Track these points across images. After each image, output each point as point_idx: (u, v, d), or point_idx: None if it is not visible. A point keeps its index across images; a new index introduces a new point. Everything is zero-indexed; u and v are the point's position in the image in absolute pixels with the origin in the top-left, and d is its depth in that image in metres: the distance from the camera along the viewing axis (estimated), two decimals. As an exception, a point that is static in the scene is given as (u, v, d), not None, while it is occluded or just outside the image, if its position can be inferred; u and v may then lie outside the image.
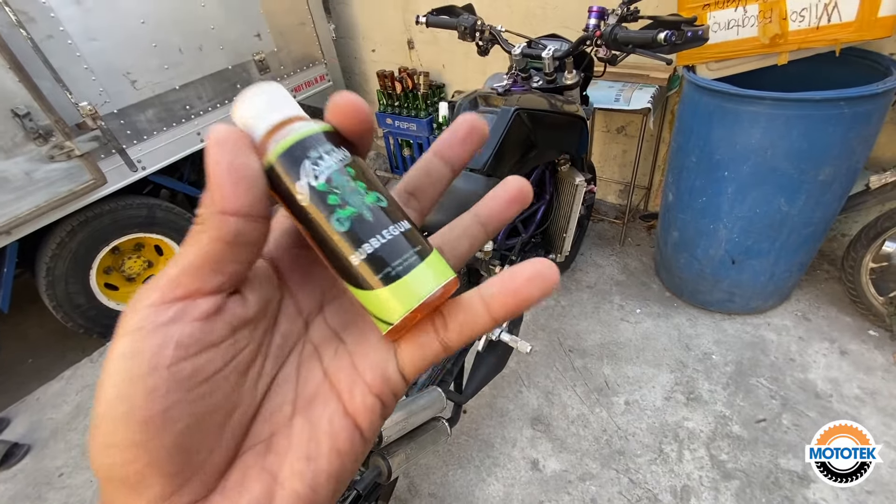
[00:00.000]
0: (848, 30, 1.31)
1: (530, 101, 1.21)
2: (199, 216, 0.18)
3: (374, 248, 0.20)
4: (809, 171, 1.36)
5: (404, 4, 2.64)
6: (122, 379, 0.16)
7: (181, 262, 0.18)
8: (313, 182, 0.20)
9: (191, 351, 0.17)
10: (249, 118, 0.21)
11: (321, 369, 0.22)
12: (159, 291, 0.17)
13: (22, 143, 1.67)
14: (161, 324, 0.17)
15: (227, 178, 0.17)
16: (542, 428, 1.53)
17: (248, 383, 0.20)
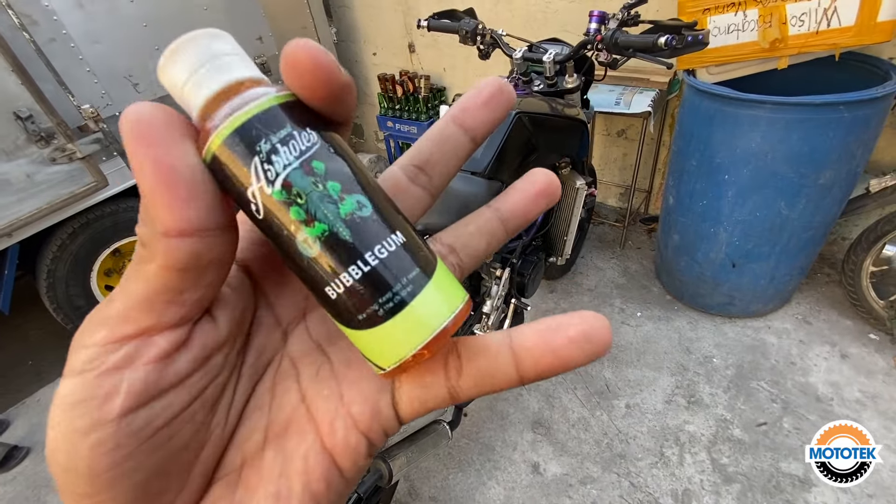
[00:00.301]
0: (847, 34, 1.32)
1: (531, 104, 1.22)
2: (140, 238, 0.14)
3: (355, 279, 0.15)
4: (809, 175, 1.37)
5: (405, 8, 2.65)
6: (64, 430, 0.14)
7: (129, 294, 0.15)
8: (267, 189, 0.14)
9: (143, 399, 0.15)
10: (182, 83, 0.15)
11: (298, 391, 0.19)
12: (107, 328, 0.15)
13: (24, 145, 1.67)
14: (109, 368, 0.14)
15: (158, 186, 0.13)
16: (543, 431, 1.53)
17: (218, 414, 0.17)
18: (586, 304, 1.98)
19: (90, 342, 0.15)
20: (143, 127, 0.14)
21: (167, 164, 0.14)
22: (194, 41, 0.15)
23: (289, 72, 0.15)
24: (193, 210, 0.14)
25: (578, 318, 0.17)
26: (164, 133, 0.14)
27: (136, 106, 0.14)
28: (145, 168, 0.13)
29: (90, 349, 0.14)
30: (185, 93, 0.16)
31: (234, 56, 0.16)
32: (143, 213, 0.14)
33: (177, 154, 0.14)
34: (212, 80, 0.15)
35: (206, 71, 0.15)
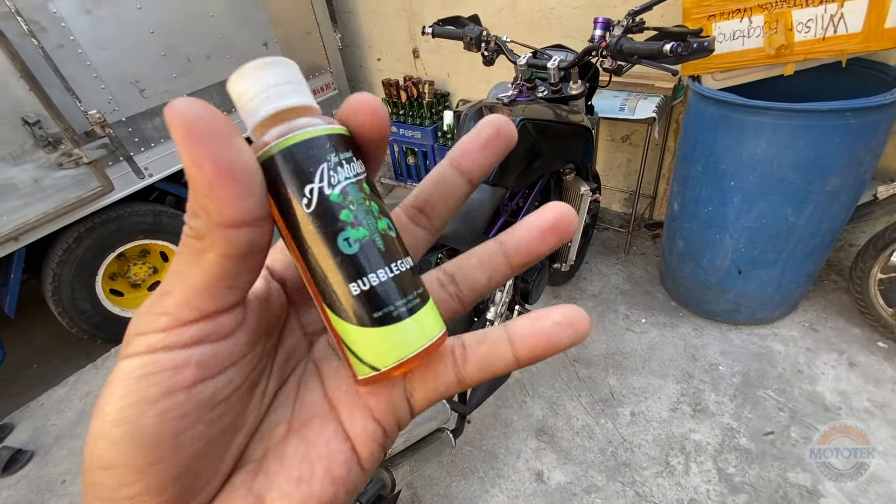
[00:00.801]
0: (854, 41, 1.31)
1: (535, 111, 1.22)
2: (194, 229, 0.15)
3: (381, 282, 0.17)
4: (816, 182, 1.35)
5: (410, 14, 2.66)
6: (130, 402, 0.15)
7: (188, 284, 0.16)
8: (327, 190, 0.17)
9: (211, 371, 0.16)
10: (252, 95, 0.18)
11: (321, 388, 0.20)
12: (169, 316, 0.16)
13: (31, 150, 1.69)
14: (180, 344, 0.15)
15: (219, 181, 0.14)
16: (547, 439, 1.52)
17: (254, 401, 0.19)
18: (590, 309, 1.97)
19: (152, 329, 0.16)
20: (200, 123, 0.14)
21: (228, 159, 0.14)
22: (276, 63, 0.18)
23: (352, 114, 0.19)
24: (249, 202, 0.15)
25: (560, 308, 0.19)
26: (221, 130, 0.14)
27: (186, 102, 0.14)
28: (205, 163, 0.14)
29: (155, 335, 0.15)
30: (259, 99, 0.18)
31: (303, 85, 0.19)
32: (198, 206, 0.15)
33: (235, 150, 0.15)
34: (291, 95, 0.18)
35: (287, 89, 0.18)
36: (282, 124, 0.17)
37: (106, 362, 2.09)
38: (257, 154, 0.17)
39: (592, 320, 0.17)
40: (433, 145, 2.70)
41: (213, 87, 2.22)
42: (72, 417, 1.84)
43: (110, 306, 2.14)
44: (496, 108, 1.22)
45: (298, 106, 0.18)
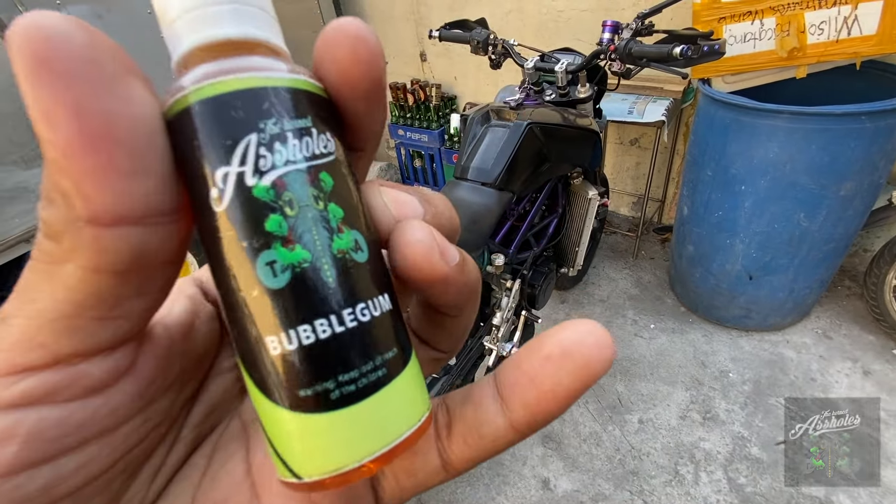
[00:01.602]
0: (869, 43, 1.29)
1: (543, 115, 1.21)
2: (48, 226, 0.10)
3: (321, 337, 0.11)
4: (830, 187, 1.33)
5: (417, 18, 2.66)
6: None
7: (35, 308, 0.10)
8: (251, 178, 0.11)
9: (52, 450, 0.10)
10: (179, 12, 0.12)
11: (244, 461, 0.14)
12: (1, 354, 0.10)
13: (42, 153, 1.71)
14: (4, 405, 0.10)
15: (86, 146, 0.09)
16: (554, 446, 1.50)
17: (137, 484, 0.13)
18: (598, 315, 1.95)
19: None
20: (62, 50, 0.09)
21: (103, 109, 0.09)
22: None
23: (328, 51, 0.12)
24: (141, 184, 0.09)
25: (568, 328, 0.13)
26: (98, 65, 0.09)
27: (38, 15, 0.09)
28: (61, 114, 0.09)
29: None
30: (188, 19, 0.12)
31: (264, 12, 0.13)
32: (52, 186, 0.09)
33: (119, 96, 0.09)
34: (229, 24, 0.12)
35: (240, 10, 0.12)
36: (213, 62, 0.11)
37: (114, 363, 2.10)
38: (165, 106, 0.11)
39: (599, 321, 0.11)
40: (440, 148, 2.70)
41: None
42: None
43: (119, 308, 2.16)
44: (503, 111, 1.21)
45: (247, 39, 0.12)
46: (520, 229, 1.36)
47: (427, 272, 0.12)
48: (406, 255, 0.12)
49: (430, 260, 0.12)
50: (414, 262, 0.12)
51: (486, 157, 1.13)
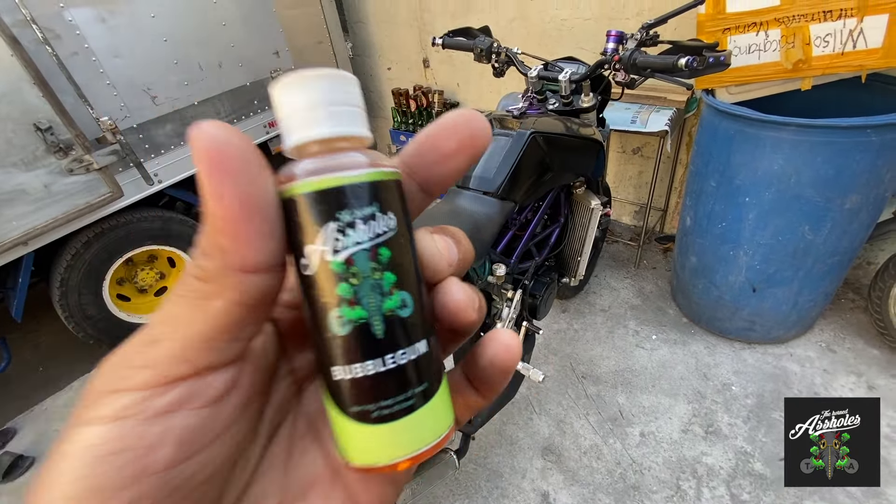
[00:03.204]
0: (874, 56, 1.28)
1: (546, 124, 1.20)
2: (204, 270, 0.13)
3: (366, 374, 0.15)
4: (835, 199, 1.32)
5: (421, 25, 2.67)
6: (88, 485, 0.12)
7: (187, 332, 0.14)
8: (329, 256, 0.15)
9: (195, 447, 0.14)
10: (298, 111, 0.15)
11: (320, 451, 0.18)
12: (152, 370, 0.13)
13: (42, 156, 1.70)
14: (157, 413, 0.13)
15: (242, 220, 0.13)
16: (554, 458, 1.48)
17: (237, 474, 0.16)
18: (599, 325, 1.93)
19: (127, 386, 0.13)
20: (229, 151, 0.13)
21: (253, 195, 0.13)
22: (330, 77, 0.16)
23: (465, 154, 0.17)
24: (270, 246, 0.14)
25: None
26: (246, 163, 0.13)
27: (213, 127, 0.13)
28: (226, 198, 0.13)
29: (129, 394, 0.13)
30: (299, 119, 0.16)
31: (353, 108, 0.16)
32: (212, 245, 0.13)
33: (258, 187, 0.13)
34: (333, 123, 0.16)
35: (330, 112, 0.16)
36: (316, 158, 0.15)
37: (110, 368, 2.08)
38: (280, 188, 0.15)
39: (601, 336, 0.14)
40: (442, 155, 2.69)
41: (224, 95, 2.24)
42: (74, 423, 1.83)
43: (117, 311, 2.15)
44: (506, 120, 1.20)
45: (340, 136, 0.16)
46: (522, 239, 1.35)
47: (464, 320, 0.17)
48: (451, 311, 0.17)
49: (467, 313, 0.17)
50: (457, 316, 0.17)
51: (489, 165, 1.11)
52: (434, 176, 0.18)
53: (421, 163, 0.18)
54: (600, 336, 1.88)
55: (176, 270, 2.39)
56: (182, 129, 2.12)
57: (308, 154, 0.16)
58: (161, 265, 2.34)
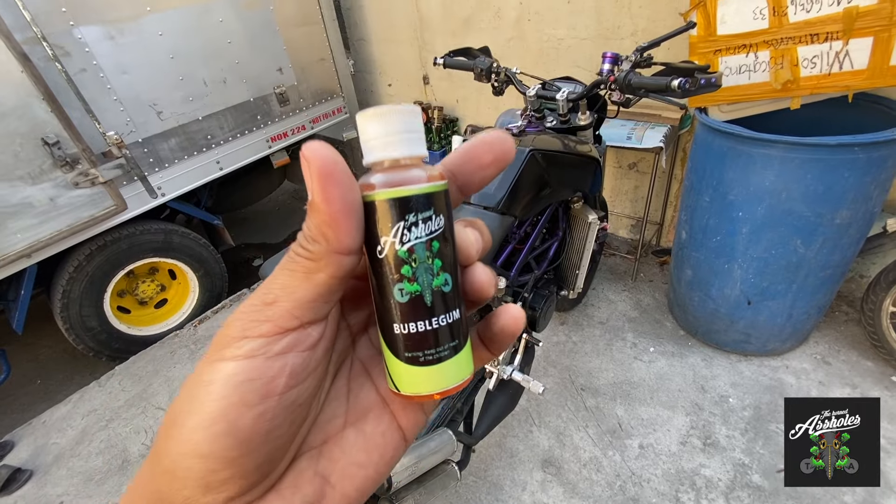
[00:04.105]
0: (860, 77, 1.33)
1: (544, 141, 1.23)
2: (309, 252, 0.19)
3: (418, 330, 0.21)
4: (826, 215, 1.35)
5: (421, 43, 2.73)
6: (231, 402, 0.17)
7: (296, 296, 0.19)
8: (398, 246, 0.20)
9: (299, 379, 0.19)
10: (379, 136, 0.21)
11: (373, 386, 0.24)
12: (272, 323, 0.18)
13: (49, 170, 1.73)
14: (277, 352, 0.18)
15: (343, 216, 0.18)
16: (553, 471, 1.48)
17: (317, 399, 0.22)
18: (598, 337, 1.95)
19: (254, 334, 0.18)
20: (333, 168, 0.18)
21: (350, 200, 0.18)
22: (402, 112, 0.21)
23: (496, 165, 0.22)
24: (358, 236, 0.19)
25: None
26: (346, 176, 0.18)
27: (320, 147, 0.18)
28: (336, 201, 0.18)
29: (256, 340, 0.18)
30: (377, 142, 0.21)
31: (417, 134, 0.21)
32: (318, 233, 0.18)
33: (354, 194, 0.19)
34: (403, 147, 0.21)
35: (401, 138, 0.21)
36: (389, 172, 0.20)
37: (109, 380, 2.08)
38: (363, 194, 0.20)
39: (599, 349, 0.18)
40: (441, 169, 2.74)
41: (228, 111, 2.28)
42: (73, 436, 1.83)
43: (117, 323, 2.15)
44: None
45: (406, 157, 0.21)
46: (521, 252, 1.38)
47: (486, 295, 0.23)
48: (477, 288, 0.23)
49: (489, 290, 0.23)
50: (481, 292, 0.23)
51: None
52: (472, 181, 0.23)
53: (462, 170, 0.23)
54: (599, 348, 1.90)
55: (176, 282, 2.40)
56: (186, 143, 2.16)
57: (382, 169, 0.21)
58: (162, 277, 2.36)
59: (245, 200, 3.07)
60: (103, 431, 1.83)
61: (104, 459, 1.71)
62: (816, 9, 1.32)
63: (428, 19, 2.60)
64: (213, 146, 2.26)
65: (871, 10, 1.25)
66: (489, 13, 2.33)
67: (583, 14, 2.05)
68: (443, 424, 1.14)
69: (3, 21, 1.55)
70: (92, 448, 1.76)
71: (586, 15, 2.04)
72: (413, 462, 0.86)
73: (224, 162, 2.33)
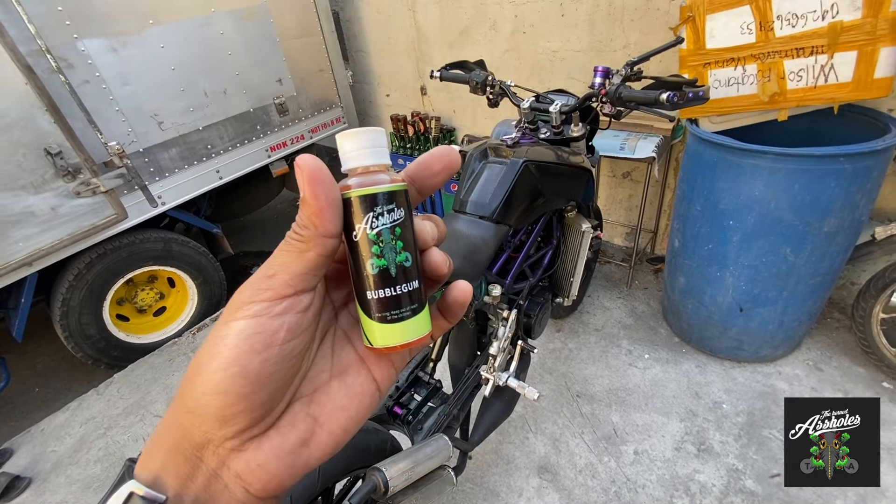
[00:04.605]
0: (845, 90, 1.37)
1: (538, 153, 1.26)
2: (301, 236, 0.24)
3: (385, 295, 0.26)
4: (814, 223, 1.38)
5: (419, 55, 2.78)
6: (243, 350, 0.22)
7: (292, 270, 0.24)
8: (368, 231, 0.25)
9: (295, 333, 0.24)
10: (353, 150, 0.27)
11: (352, 348, 0.29)
12: (273, 290, 0.23)
13: (51, 179, 1.75)
14: (277, 313, 0.23)
15: (327, 208, 0.23)
16: (549, 477, 1.50)
17: (308, 355, 0.27)
18: (593, 344, 1.97)
19: (260, 298, 0.23)
20: (319, 173, 0.23)
21: (332, 197, 0.23)
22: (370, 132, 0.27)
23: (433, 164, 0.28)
24: (338, 223, 0.24)
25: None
26: (329, 179, 0.23)
27: (310, 158, 0.23)
28: (321, 197, 0.23)
29: (261, 303, 0.23)
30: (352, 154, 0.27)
31: (382, 148, 0.27)
32: (308, 221, 0.23)
33: (335, 192, 0.24)
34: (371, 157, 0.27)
35: (369, 151, 0.27)
36: (361, 176, 0.26)
37: (108, 388, 2.09)
38: (342, 192, 0.25)
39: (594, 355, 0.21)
40: (438, 178, 2.77)
41: (228, 121, 2.31)
42: (71, 444, 1.83)
43: (116, 331, 2.16)
44: (500, 149, 1.27)
45: (374, 165, 0.27)
46: (516, 260, 1.40)
47: (440, 272, 0.28)
48: (432, 266, 0.28)
49: (442, 268, 0.28)
50: (435, 269, 0.28)
51: (484, 191, 1.17)
52: (427, 185, 0.29)
53: (419, 176, 0.29)
54: (594, 355, 1.92)
55: (175, 290, 2.42)
56: (186, 152, 2.19)
57: (356, 174, 0.26)
58: (161, 285, 2.37)
59: (244, 209, 3.10)
60: (101, 439, 1.83)
61: (102, 467, 1.72)
62: (802, 24, 1.36)
63: (425, 31, 2.65)
64: (212, 156, 2.29)
65: (856, 25, 1.30)
66: (485, 26, 2.38)
67: (576, 27, 2.09)
68: (439, 430, 1.16)
69: (9, 34, 1.58)
70: (90, 456, 1.77)
71: (580, 28, 2.08)
72: (409, 467, 0.88)
73: (224, 171, 2.36)
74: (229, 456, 0.23)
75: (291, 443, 0.25)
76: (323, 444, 0.26)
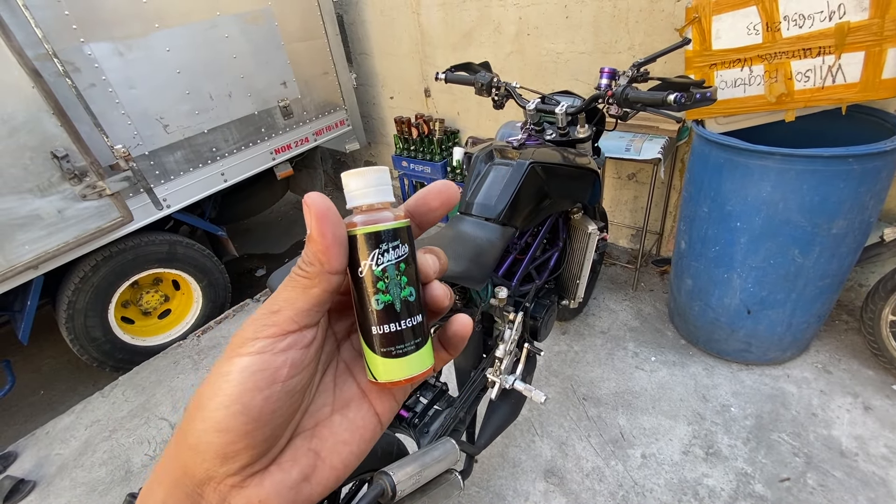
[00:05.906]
0: (852, 90, 1.36)
1: (544, 154, 1.26)
2: (307, 272, 0.24)
3: (390, 330, 0.26)
4: (822, 225, 1.37)
5: (423, 57, 2.78)
6: (246, 388, 0.22)
7: (296, 306, 0.24)
8: (374, 267, 0.26)
9: (297, 370, 0.24)
10: (358, 188, 0.27)
11: (354, 382, 0.29)
12: (277, 326, 0.23)
13: (57, 182, 1.76)
14: (281, 349, 0.23)
15: (333, 246, 0.23)
16: (556, 481, 1.48)
17: (310, 390, 0.27)
18: (599, 346, 1.96)
19: (264, 335, 0.23)
20: (327, 212, 0.23)
21: (339, 235, 0.24)
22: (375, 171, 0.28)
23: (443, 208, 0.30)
24: (343, 260, 0.24)
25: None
26: (336, 218, 0.24)
27: (318, 197, 0.24)
28: (328, 235, 0.23)
29: (265, 340, 0.23)
30: (358, 192, 0.27)
31: (386, 186, 0.28)
32: (314, 258, 0.24)
33: (342, 230, 0.24)
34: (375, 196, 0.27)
35: (374, 189, 0.27)
36: (366, 213, 0.27)
37: (113, 391, 2.09)
38: (348, 230, 0.26)
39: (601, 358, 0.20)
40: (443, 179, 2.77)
41: (232, 124, 2.32)
42: (76, 447, 1.83)
43: (121, 334, 2.17)
44: (506, 150, 1.27)
45: (378, 202, 0.27)
46: (522, 262, 1.39)
47: (441, 305, 0.29)
48: (434, 299, 0.28)
49: (444, 301, 0.29)
50: (437, 303, 0.29)
51: (490, 193, 1.17)
52: (426, 220, 0.30)
53: (417, 212, 0.30)
54: (600, 358, 1.91)
55: (180, 293, 2.42)
56: (191, 155, 2.19)
57: (361, 211, 0.27)
58: (166, 288, 2.38)
59: (249, 211, 3.10)
60: (106, 442, 1.83)
61: (107, 470, 1.72)
62: (809, 24, 1.35)
63: (429, 34, 2.66)
64: (217, 158, 2.30)
65: (863, 26, 1.29)
66: (489, 28, 2.38)
67: (581, 28, 2.09)
68: (445, 433, 1.15)
69: (16, 38, 1.59)
70: (95, 459, 1.77)
71: (584, 29, 2.08)
72: (416, 471, 0.87)
73: (228, 174, 2.36)
74: (230, 492, 0.23)
75: (293, 478, 0.25)
76: (325, 478, 0.26)
